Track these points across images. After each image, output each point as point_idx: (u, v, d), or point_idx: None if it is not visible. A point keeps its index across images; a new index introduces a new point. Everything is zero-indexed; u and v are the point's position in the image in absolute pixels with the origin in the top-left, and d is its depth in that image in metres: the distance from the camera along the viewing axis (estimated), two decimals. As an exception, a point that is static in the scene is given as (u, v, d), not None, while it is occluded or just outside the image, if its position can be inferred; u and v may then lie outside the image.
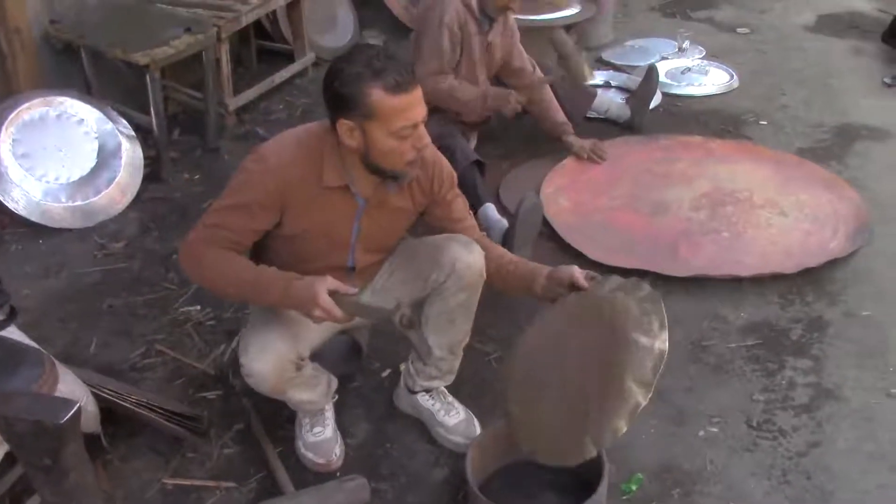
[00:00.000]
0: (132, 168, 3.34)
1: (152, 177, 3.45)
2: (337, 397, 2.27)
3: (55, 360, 1.91)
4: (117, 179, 3.28)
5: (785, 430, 2.32)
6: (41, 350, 1.93)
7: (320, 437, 2.20)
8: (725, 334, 2.67)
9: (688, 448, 2.26)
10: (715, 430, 2.32)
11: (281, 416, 2.27)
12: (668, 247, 3.02)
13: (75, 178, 3.21)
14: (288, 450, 2.23)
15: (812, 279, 2.90)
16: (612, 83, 4.36)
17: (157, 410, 2.18)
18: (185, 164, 3.60)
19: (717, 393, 2.45)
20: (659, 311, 1.79)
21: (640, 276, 2.86)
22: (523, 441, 1.92)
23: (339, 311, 1.83)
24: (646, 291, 1.84)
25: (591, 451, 1.73)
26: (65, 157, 3.21)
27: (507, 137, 3.73)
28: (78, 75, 3.46)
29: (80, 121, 3.27)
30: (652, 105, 3.98)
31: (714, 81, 4.39)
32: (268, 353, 1.92)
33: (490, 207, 3.05)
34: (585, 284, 1.94)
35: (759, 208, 3.22)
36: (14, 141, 3.12)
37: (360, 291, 2.02)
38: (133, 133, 3.40)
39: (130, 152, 3.35)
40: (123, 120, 3.40)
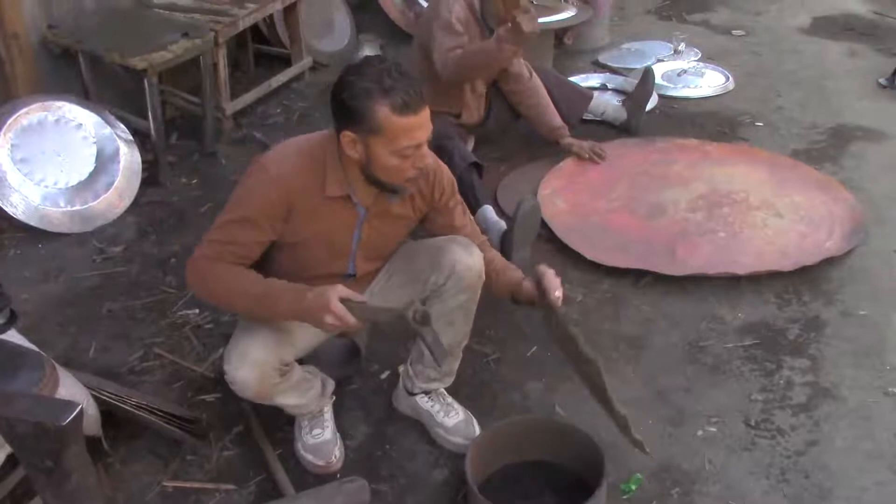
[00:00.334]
0: (130, 172, 3.34)
1: (150, 181, 3.45)
2: (335, 398, 2.28)
3: (55, 364, 1.91)
4: (115, 184, 3.28)
5: (783, 429, 2.32)
6: (42, 353, 1.93)
7: (319, 439, 2.20)
8: (723, 335, 2.68)
9: (686, 448, 2.27)
10: (713, 429, 2.33)
11: (280, 419, 2.27)
12: (665, 247, 3.03)
13: (74, 182, 3.21)
14: (287, 452, 2.23)
15: (808, 279, 2.91)
16: (609, 85, 4.37)
17: (157, 413, 2.18)
18: (182, 169, 3.61)
19: (715, 393, 2.45)
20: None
21: (638, 275, 2.92)
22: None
23: (351, 318, 1.82)
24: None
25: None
26: (63, 161, 3.22)
27: (505, 140, 3.74)
28: (76, 80, 3.46)
29: (79, 125, 3.28)
30: (648, 107, 3.98)
31: (710, 83, 4.40)
32: (248, 360, 1.92)
33: (488, 209, 3.06)
34: (546, 287, 2.00)
35: (756, 209, 3.23)
36: (13, 146, 3.13)
37: (370, 300, 2.01)
38: (131, 137, 3.40)
39: (128, 157, 3.35)
40: (121, 124, 3.40)
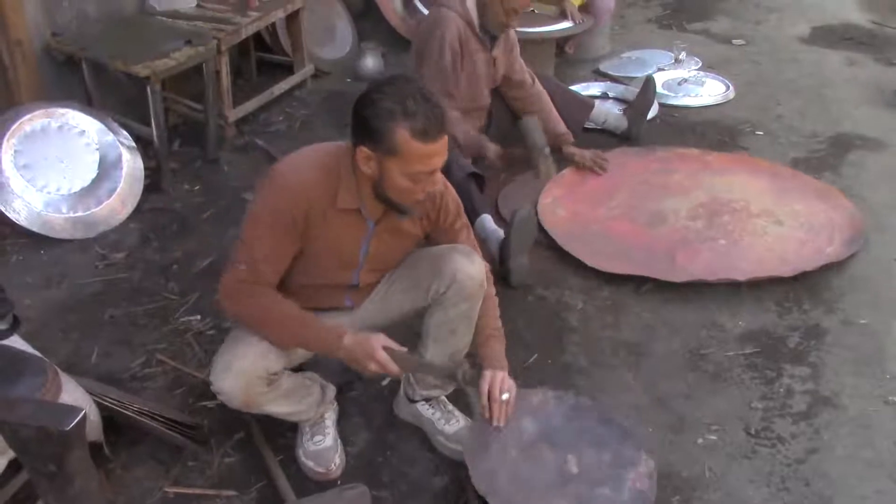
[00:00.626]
0: (133, 179, 3.35)
1: (153, 188, 3.46)
2: (336, 405, 2.29)
3: (58, 370, 1.92)
4: (118, 190, 3.29)
5: (783, 437, 2.33)
6: (44, 359, 1.93)
7: (320, 445, 2.20)
8: (723, 342, 2.69)
9: (687, 455, 2.27)
10: (713, 437, 2.33)
11: (282, 425, 2.27)
12: (665, 254, 3.04)
13: (76, 188, 3.22)
14: (288, 458, 2.23)
15: (809, 287, 2.92)
16: (610, 94, 4.39)
17: (159, 419, 2.18)
18: (185, 175, 3.62)
19: (715, 400, 2.46)
20: None
21: (638, 282, 2.93)
22: None
23: (395, 367, 1.91)
24: None
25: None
26: (66, 168, 3.22)
27: (506, 147, 3.74)
28: (79, 87, 3.47)
29: (82, 132, 3.29)
30: (649, 116, 4.00)
31: (710, 92, 4.42)
32: (233, 370, 1.94)
33: (487, 218, 3.06)
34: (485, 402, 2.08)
35: (755, 217, 3.24)
36: (16, 152, 3.13)
37: (412, 351, 2.07)
38: (134, 144, 3.41)
39: (131, 163, 3.36)
40: (124, 131, 3.41)
